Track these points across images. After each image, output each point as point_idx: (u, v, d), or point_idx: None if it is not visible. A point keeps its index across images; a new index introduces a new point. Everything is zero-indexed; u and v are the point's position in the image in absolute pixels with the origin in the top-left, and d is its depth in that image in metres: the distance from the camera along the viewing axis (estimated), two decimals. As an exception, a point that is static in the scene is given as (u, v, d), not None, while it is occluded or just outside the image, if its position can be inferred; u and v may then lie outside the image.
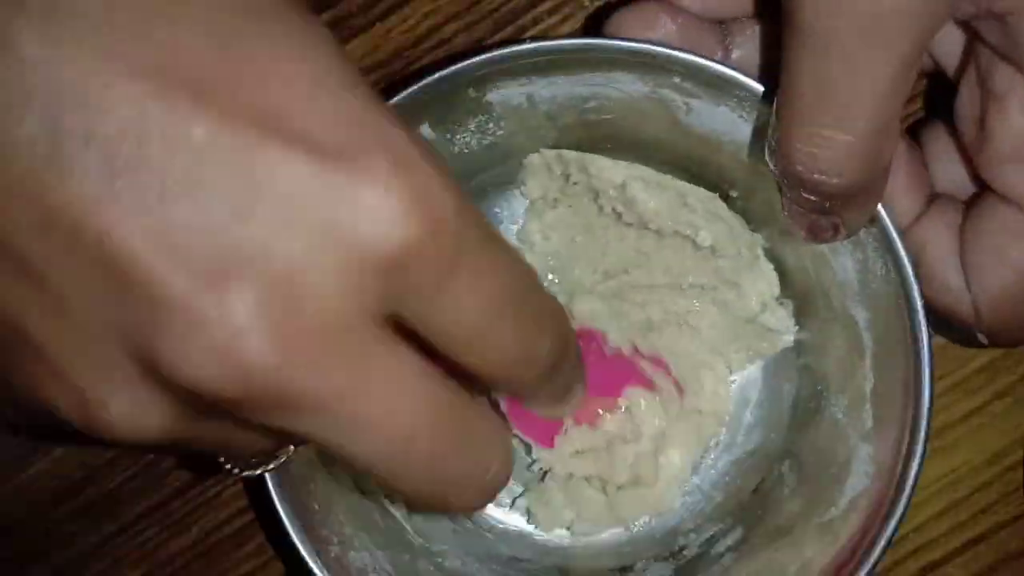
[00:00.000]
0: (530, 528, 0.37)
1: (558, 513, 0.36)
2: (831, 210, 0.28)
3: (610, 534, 0.37)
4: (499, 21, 0.38)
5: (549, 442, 0.34)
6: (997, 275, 0.29)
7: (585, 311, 0.35)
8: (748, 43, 0.31)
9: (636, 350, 0.35)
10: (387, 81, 0.38)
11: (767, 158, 0.28)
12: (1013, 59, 0.27)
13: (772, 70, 0.29)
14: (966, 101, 0.29)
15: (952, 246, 0.30)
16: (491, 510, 0.37)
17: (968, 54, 0.29)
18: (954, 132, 0.31)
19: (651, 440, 0.35)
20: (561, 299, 0.36)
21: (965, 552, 0.37)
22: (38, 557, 0.39)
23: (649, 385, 0.35)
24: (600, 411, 0.34)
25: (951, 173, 0.31)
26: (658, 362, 0.36)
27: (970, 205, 0.30)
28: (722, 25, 0.32)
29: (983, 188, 0.30)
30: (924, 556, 0.37)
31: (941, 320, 0.31)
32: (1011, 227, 0.29)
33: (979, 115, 0.29)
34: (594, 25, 0.37)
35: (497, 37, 0.38)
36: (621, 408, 0.35)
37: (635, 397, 0.35)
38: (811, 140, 0.26)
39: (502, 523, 0.37)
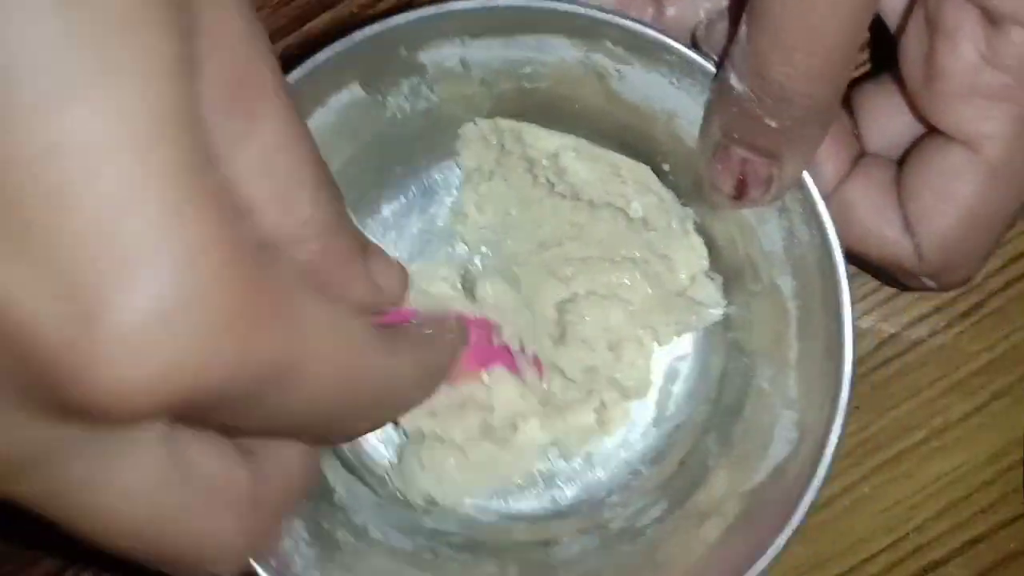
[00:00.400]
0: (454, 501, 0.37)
1: (417, 479, 0.36)
2: (776, 152, 0.28)
3: (535, 507, 0.37)
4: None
5: None
6: (943, 215, 0.29)
7: (488, 295, 0.35)
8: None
9: (523, 350, 0.35)
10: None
11: (732, 81, 0.27)
12: None
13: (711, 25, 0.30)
14: (913, 43, 0.29)
15: (883, 199, 0.30)
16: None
17: None
18: (883, 89, 0.31)
19: (505, 412, 0.35)
20: (493, 273, 0.36)
21: (965, 552, 0.37)
22: (39, 556, 0.39)
23: (515, 370, 0.35)
24: (461, 378, 0.34)
25: (881, 132, 0.31)
26: (537, 363, 0.36)
27: (909, 154, 0.30)
28: None
29: (923, 135, 0.30)
30: (924, 556, 0.37)
31: (885, 273, 0.31)
32: (958, 166, 0.28)
33: (926, 56, 0.28)
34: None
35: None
36: (484, 379, 0.35)
37: (499, 374, 0.35)
38: (788, 59, 0.26)
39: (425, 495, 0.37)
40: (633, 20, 0.29)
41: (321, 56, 0.29)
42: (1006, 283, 0.38)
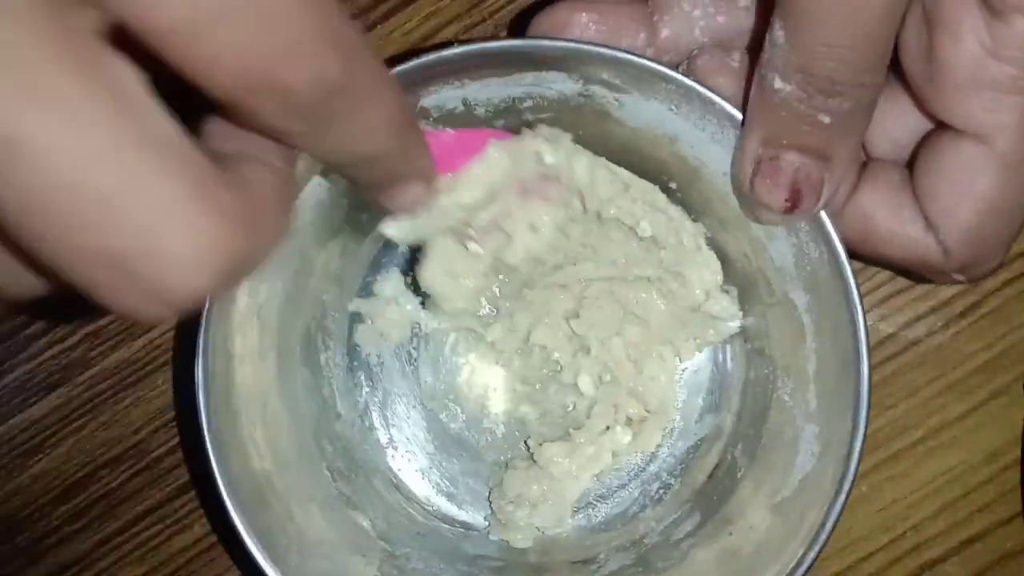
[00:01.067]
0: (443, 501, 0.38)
1: (515, 525, 0.37)
2: (828, 150, 0.28)
3: (571, 527, 0.37)
4: (500, 23, 0.38)
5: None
6: (965, 210, 0.29)
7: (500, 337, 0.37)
8: (676, 19, 0.31)
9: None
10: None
11: (776, 84, 0.27)
12: None
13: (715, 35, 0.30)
14: (913, 38, 0.29)
15: (899, 201, 0.30)
16: (452, 511, 0.37)
17: None
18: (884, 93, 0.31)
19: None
20: (511, 296, 0.36)
21: (962, 550, 0.37)
22: (40, 556, 0.39)
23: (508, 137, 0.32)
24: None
25: (885, 136, 0.31)
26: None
27: (920, 152, 0.30)
28: (648, 2, 0.31)
29: (931, 132, 0.30)
30: (922, 554, 0.38)
31: (912, 273, 0.31)
32: (972, 160, 0.28)
33: (927, 51, 0.28)
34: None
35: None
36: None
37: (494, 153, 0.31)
38: (835, 52, 0.26)
39: (464, 523, 0.37)
40: (627, 52, 0.29)
41: None
42: (1003, 283, 0.38)
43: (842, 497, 0.30)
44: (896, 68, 0.30)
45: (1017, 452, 0.37)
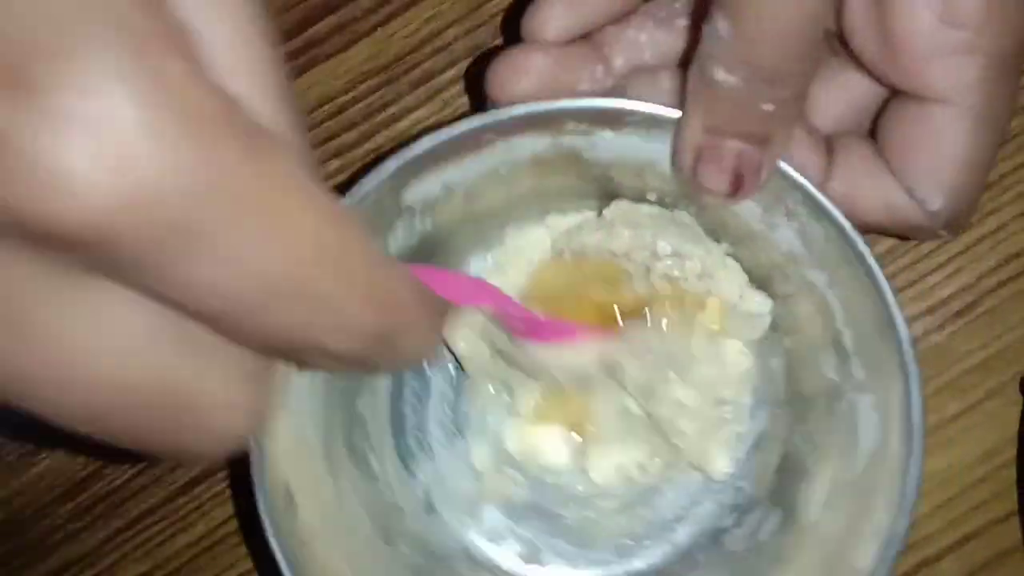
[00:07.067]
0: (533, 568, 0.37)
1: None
2: (769, 135, 0.29)
3: (655, 556, 0.37)
4: (500, 26, 0.39)
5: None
6: (946, 171, 0.30)
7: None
8: (626, 47, 0.32)
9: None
10: (389, 85, 0.39)
11: (719, 76, 0.28)
12: None
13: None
14: (861, 19, 0.30)
15: (877, 171, 0.31)
16: (490, 551, 0.37)
17: None
18: (825, 70, 0.32)
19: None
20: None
21: (958, 549, 0.38)
22: (43, 554, 0.40)
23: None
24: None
25: (832, 110, 0.32)
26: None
27: (886, 122, 0.31)
28: (594, 38, 0.32)
29: (890, 100, 0.31)
30: (918, 552, 0.38)
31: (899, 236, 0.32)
32: (943, 123, 0.30)
33: (879, 26, 0.30)
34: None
35: (498, 42, 0.39)
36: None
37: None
38: (782, 44, 0.27)
39: (499, 563, 0.37)
40: (587, 98, 0.30)
41: None
42: (1000, 283, 0.38)
43: (916, 454, 0.30)
44: (832, 45, 0.32)
45: (1013, 451, 0.37)
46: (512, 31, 0.38)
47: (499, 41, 0.39)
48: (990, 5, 0.28)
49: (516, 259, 0.37)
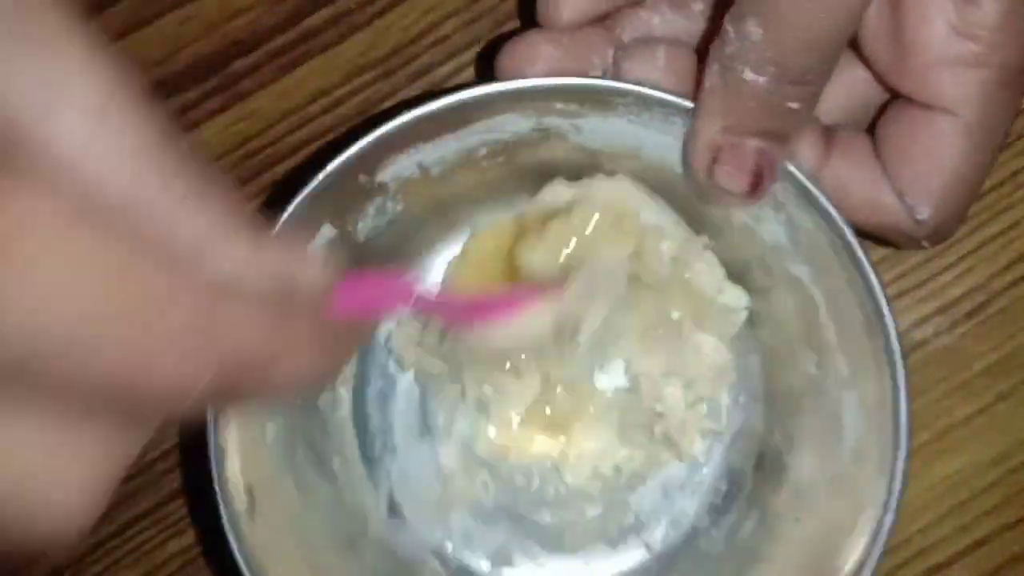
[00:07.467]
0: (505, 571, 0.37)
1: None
2: (791, 132, 0.29)
3: (634, 560, 0.36)
4: (499, 18, 0.38)
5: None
6: (936, 179, 0.30)
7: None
8: (639, 29, 0.32)
9: None
10: (386, 78, 0.38)
11: (747, 76, 0.28)
12: None
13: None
14: (875, 23, 0.30)
15: (871, 169, 0.31)
16: (459, 555, 0.37)
17: None
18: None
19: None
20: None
21: (969, 554, 0.37)
22: (31, 561, 0.39)
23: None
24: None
25: (837, 106, 0.32)
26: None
27: (887, 124, 0.31)
28: (607, 20, 0.32)
29: (893, 103, 0.31)
30: (928, 558, 0.37)
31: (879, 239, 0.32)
32: (942, 132, 0.30)
33: (893, 31, 0.30)
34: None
35: (496, 34, 0.38)
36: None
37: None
38: (813, 46, 0.27)
39: (469, 567, 0.37)
40: (578, 78, 0.29)
41: (289, 208, 0.29)
42: (1011, 283, 0.38)
43: (902, 452, 0.29)
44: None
45: (1025, 455, 0.37)
46: (528, 15, 0.38)
47: (498, 33, 0.38)
48: (1006, 22, 0.28)
49: (482, 245, 0.36)
